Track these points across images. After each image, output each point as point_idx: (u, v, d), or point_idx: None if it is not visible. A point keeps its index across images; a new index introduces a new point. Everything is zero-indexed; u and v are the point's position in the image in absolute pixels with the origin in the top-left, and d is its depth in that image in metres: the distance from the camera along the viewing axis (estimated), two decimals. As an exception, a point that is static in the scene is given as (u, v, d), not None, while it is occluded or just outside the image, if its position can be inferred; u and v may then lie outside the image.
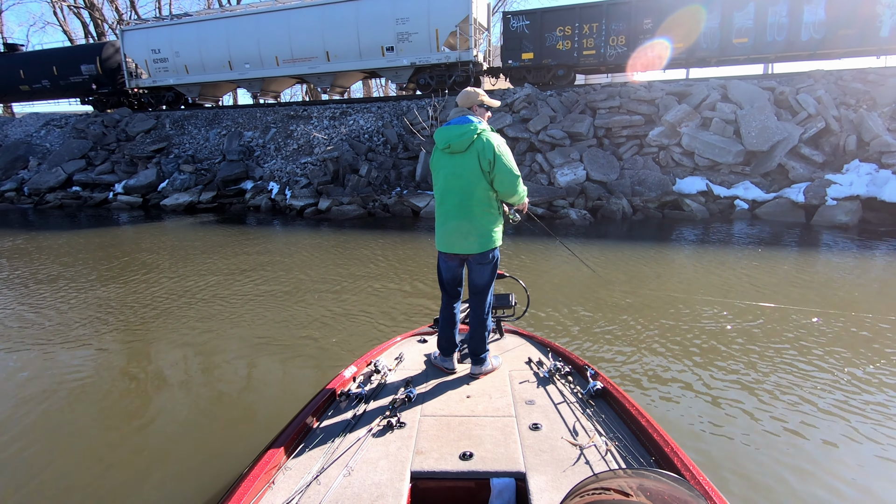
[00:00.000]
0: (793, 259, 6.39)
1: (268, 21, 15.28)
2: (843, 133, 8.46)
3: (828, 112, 8.64)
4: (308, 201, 10.85)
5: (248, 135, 13.83)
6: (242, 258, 7.30)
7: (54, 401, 3.24)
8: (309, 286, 5.82)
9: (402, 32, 13.77)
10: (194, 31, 16.05)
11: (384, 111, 12.70)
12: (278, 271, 6.51)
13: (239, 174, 12.78)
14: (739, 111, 9.01)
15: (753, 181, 8.70)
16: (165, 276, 6.33)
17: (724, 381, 3.24)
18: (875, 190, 7.96)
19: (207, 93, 17.45)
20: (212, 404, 3.19)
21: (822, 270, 5.92)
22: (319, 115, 13.44)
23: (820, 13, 11.19)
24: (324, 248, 7.92)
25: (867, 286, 5.31)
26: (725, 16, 11.46)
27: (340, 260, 7.02)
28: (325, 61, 15.01)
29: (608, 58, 12.76)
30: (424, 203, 9.96)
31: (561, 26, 13.02)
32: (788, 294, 4.96)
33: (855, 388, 3.14)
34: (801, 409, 2.92)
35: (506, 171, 2.26)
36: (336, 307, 5.06)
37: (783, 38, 11.46)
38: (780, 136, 8.68)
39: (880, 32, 11.12)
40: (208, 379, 3.57)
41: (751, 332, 4.11)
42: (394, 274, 6.15)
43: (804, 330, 4.10)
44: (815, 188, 8.17)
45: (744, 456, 2.49)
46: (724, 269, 5.92)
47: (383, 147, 11.59)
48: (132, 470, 2.52)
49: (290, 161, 12.36)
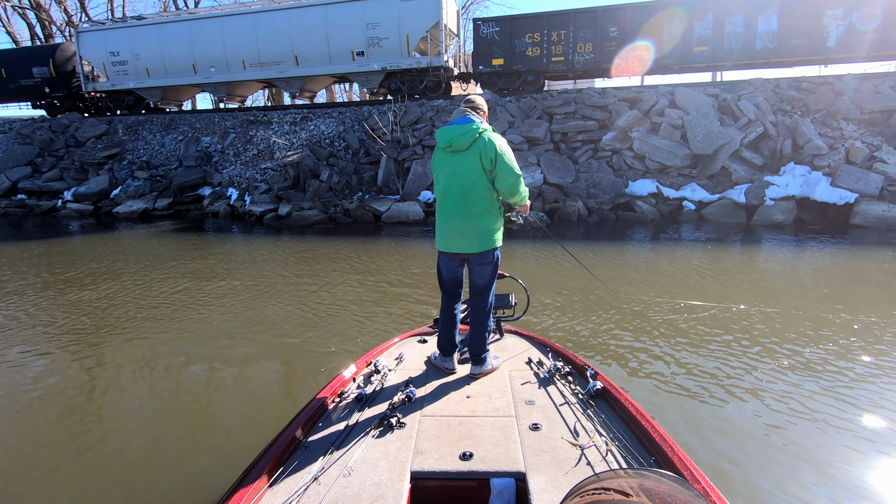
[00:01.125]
0: (733, 257, 6.98)
1: (234, 24, 15.64)
2: (779, 137, 9.24)
3: (766, 118, 9.42)
4: (268, 207, 10.97)
5: (205, 140, 13.85)
6: (199, 264, 7.53)
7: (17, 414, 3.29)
8: (270, 291, 6.00)
9: (373, 37, 14.30)
10: (156, 34, 16.26)
11: (346, 116, 13.00)
12: (239, 278, 6.68)
13: (196, 180, 12.79)
14: (686, 117, 9.70)
15: (700, 183, 9.36)
16: (120, 285, 6.40)
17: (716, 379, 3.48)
18: (808, 190, 8.72)
19: (170, 97, 17.59)
20: (203, 408, 3.34)
21: (755, 266, 6.49)
22: (280, 121, 13.63)
23: (773, 24, 12.23)
24: (285, 254, 8.19)
25: (794, 281, 5.87)
26: (687, 25, 12.32)
27: (303, 265, 7.39)
28: (293, 65, 15.41)
29: (576, 64, 13.62)
30: (385, 207, 10.25)
31: (530, 33, 13.80)
32: (745, 292, 5.44)
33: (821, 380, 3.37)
34: (793, 405, 3.11)
35: (507, 171, 2.32)
36: (301, 310, 5.32)
37: (740, 47, 12.46)
38: (723, 140, 9.38)
39: (827, 43, 12.20)
40: (177, 386, 3.72)
41: (736, 330, 4.36)
42: (360, 277, 6.40)
43: (765, 326, 4.53)
44: (755, 189, 8.87)
45: (743, 455, 2.60)
46: (676, 266, 6.42)
47: (345, 152, 11.85)
48: (132, 470, 2.64)
49: (249, 167, 12.46)
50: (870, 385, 3.28)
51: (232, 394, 3.54)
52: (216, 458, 2.72)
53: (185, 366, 3.94)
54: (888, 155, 8.63)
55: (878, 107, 9.43)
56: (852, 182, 8.54)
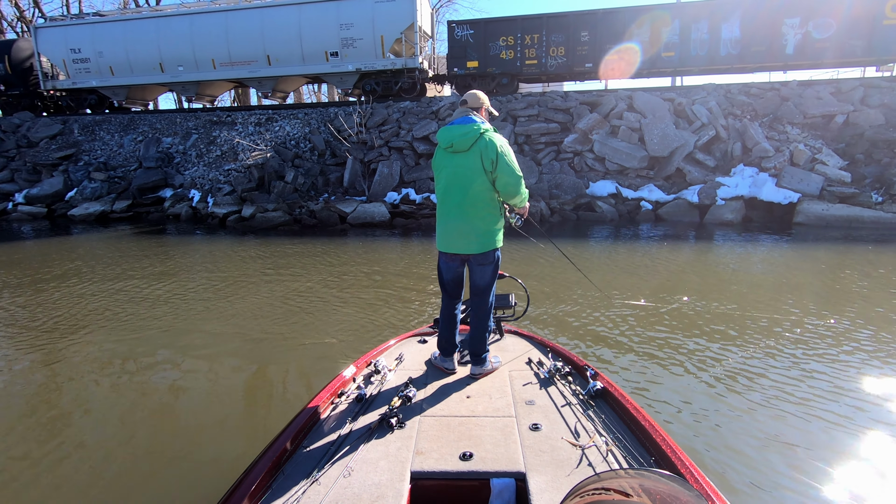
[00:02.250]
0: (688, 254, 7.54)
1: (203, 22, 16.03)
2: (730, 140, 9.99)
3: (718, 121, 10.17)
4: (231, 209, 11.21)
5: (167, 141, 13.98)
6: (163, 266, 7.93)
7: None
8: (237, 292, 6.35)
9: (347, 38, 14.85)
10: (120, 31, 16.59)
11: (311, 117, 13.35)
12: (201, 279, 7.02)
13: (157, 182, 12.93)
14: (643, 120, 10.37)
15: (657, 184, 10.01)
16: (76, 289, 6.56)
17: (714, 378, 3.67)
18: (756, 190, 9.45)
19: (136, 96, 17.91)
20: (202, 410, 3.42)
21: (709, 263, 7.06)
22: (244, 121, 13.88)
23: (735, 31, 13.22)
24: (250, 255, 8.55)
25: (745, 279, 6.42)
26: (654, 31, 13.23)
27: (267, 267, 7.69)
28: (266, 65, 15.86)
29: (549, 68, 14.47)
30: (351, 209, 10.62)
31: (504, 36, 14.62)
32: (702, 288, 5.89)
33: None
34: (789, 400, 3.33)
35: (508, 172, 2.40)
36: (273, 308, 5.52)
37: (705, 53, 13.44)
38: (678, 142, 10.05)
39: (786, 50, 13.17)
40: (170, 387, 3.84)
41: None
42: (327, 278, 6.72)
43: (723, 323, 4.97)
44: (707, 190, 9.54)
45: (743, 455, 2.73)
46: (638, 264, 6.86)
47: (310, 153, 12.18)
48: (132, 471, 2.72)
49: (212, 168, 12.66)
50: (870, 385, 3.49)
51: (207, 395, 3.70)
52: (216, 458, 2.83)
53: (149, 369, 4.13)
54: (828, 157, 9.45)
55: (820, 112, 10.31)
56: (795, 183, 9.31)
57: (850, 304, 5.17)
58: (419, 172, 11.51)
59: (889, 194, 8.99)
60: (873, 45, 12.61)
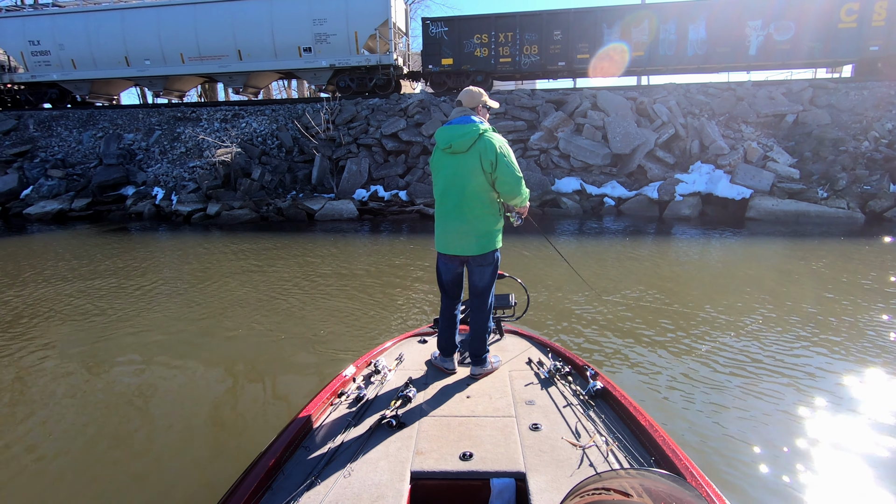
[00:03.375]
0: (650, 249, 8.18)
1: (170, 15, 16.34)
2: (688, 138, 10.73)
3: (677, 120, 10.91)
4: (196, 206, 11.49)
5: (128, 137, 14.15)
6: (122, 266, 8.14)
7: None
8: (207, 293, 6.61)
9: (320, 33, 15.31)
10: (82, 22, 16.70)
11: (279, 114, 13.71)
12: (167, 279, 7.27)
13: (118, 179, 13.10)
14: (607, 118, 11.04)
15: (619, 181, 10.67)
16: (29, 290, 6.75)
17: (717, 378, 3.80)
18: (712, 187, 10.20)
19: (100, 90, 18.11)
20: (201, 412, 3.53)
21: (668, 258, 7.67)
22: (210, 118, 14.16)
23: (702, 32, 14.12)
24: (217, 254, 9.04)
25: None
26: (625, 30, 13.95)
27: (234, 264, 8.24)
28: (237, 60, 16.21)
29: (523, 66, 15.20)
30: (319, 206, 11.01)
31: (478, 34, 15.38)
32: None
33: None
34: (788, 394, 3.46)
35: (508, 172, 2.46)
36: (247, 303, 5.90)
37: (673, 53, 14.33)
38: (639, 140, 10.73)
39: (749, 51, 14.08)
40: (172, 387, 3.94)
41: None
42: (299, 281, 7.03)
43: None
44: (666, 186, 10.23)
45: (743, 454, 2.82)
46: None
47: (278, 150, 12.53)
48: (131, 471, 2.82)
49: (176, 165, 12.89)
50: (870, 383, 3.64)
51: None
52: (215, 458, 2.94)
53: (115, 371, 4.21)
54: (778, 155, 10.26)
55: (772, 111, 11.17)
56: (748, 179, 10.08)
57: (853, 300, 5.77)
58: (388, 169, 11.96)
59: (833, 190, 9.83)
60: (830, 48, 13.64)
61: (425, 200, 11.15)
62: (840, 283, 6.01)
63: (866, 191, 9.73)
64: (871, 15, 13.44)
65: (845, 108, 11.25)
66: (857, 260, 7.12)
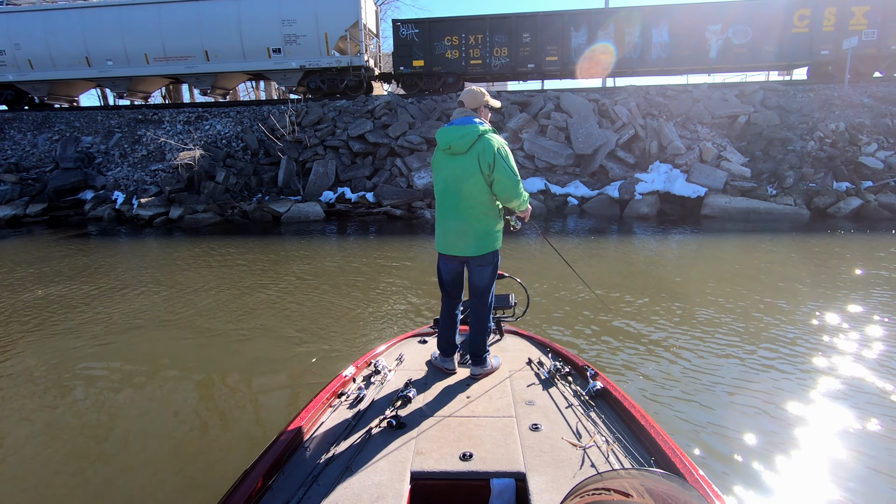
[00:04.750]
0: (614, 247, 8.73)
1: (133, 14, 16.44)
2: (648, 139, 11.47)
3: (637, 121, 11.65)
4: (158, 210, 11.72)
5: (86, 140, 14.23)
6: (81, 271, 8.29)
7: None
8: (173, 296, 6.78)
9: (290, 34, 15.65)
10: (39, 22, 16.69)
11: (244, 116, 14.00)
12: (126, 285, 7.35)
13: (76, 183, 13.19)
14: (570, 119, 11.71)
15: (582, 180, 11.33)
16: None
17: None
18: (669, 186, 10.93)
19: (59, 91, 18.08)
20: (204, 413, 3.60)
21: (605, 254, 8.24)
22: (172, 120, 14.36)
23: (665, 35, 14.99)
24: (180, 258, 9.34)
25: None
26: (592, 33, 14.72)
27: (197, 268, 8.47)
28: (204, 61, 16.40)
29: (493, 68, 15.80)
30: (285, 208, 11.32)
31: (448, 36, 16.06)
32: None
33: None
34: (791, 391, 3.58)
35: (505, 175, 2.52)
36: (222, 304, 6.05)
37: (638, 56, 15.16)
38: (601, 141, 11.43)
39: (710, 54, 14.94)
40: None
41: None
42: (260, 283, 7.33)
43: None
44: (627, 185, 10.92)
45: (743, 454, 2.88)
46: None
47: (243, 153, 12.84)
48: (132, 471, 2.90)
49: (137, 168, 13.06)
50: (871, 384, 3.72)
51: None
52: (216, 458, 3.00)
53: (89, 383, 4.35)
54: (731, 154, 11.09)
55: (726, 112, 12.03)
56: (703, 178, 10.86)
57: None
58: (355, 171, 12.40)
59: (782, 188, 10.68)
60: (784, 52, 14.70)
61: (392, 202, 11.61)
62: (811, 276, 6.70)
63: (811, 188, 10.60)
64: (821, 20, 14.57)
65: (793, 109, 12.20)
66: (814, 251, 7.89)
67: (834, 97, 12.49)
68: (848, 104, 12.45)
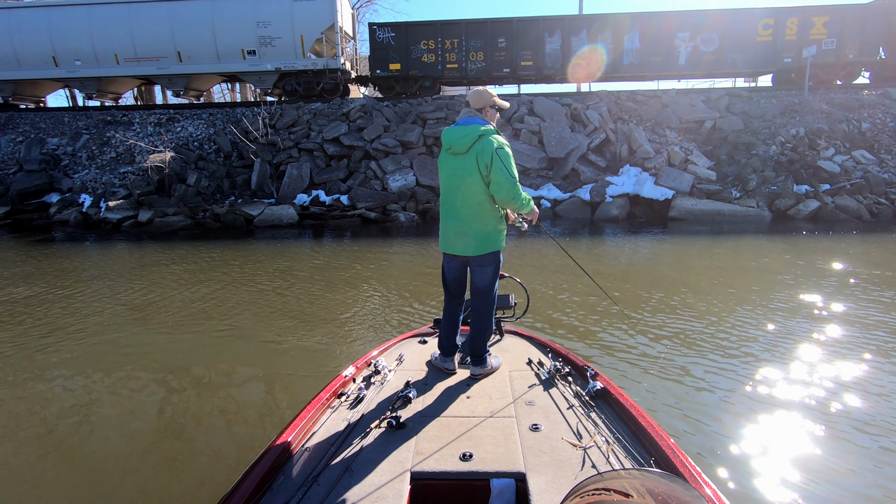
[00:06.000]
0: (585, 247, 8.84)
1: (102, 14, 16.18)
2: (618, 143, 11.79)
3: (608, 125, 11.97)
4: (127, 213, 11.57)
5: (52, 142, 13.95)
6: (49, 278, 8.10)
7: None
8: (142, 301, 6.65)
9: (265, 36, 15.65)
10: (3, 20, 16.47)
11: (216, 118, 13.92)
12: (92, 290, 7.23)
13: (41, 186, 12.94)
14: (542, 123, 11.95)
15: (555, 183, 11.56)
16: None
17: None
18: (639, 188, 11.24)
19: (24, 92, 17.71)
20: (202, 416, 3.61)
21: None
22: (143, 121, 14.18)
23: (636, 42, 15.42)
24: (149, 262, 9.19)
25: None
26: (565, 39, 14.95)
27: (164, 272, 8.28)
28: (176, 62, 16.26)
29: (469, 72, 16.03)
30: (258, 211, 11.28)
31: (425, 40, 16.23)
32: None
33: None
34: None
35: (502, 176, 2.52)
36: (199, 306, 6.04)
37: (610, 62, 15.32)
38: (573, 144, 11.69)
39: (679, 61, 15.35)
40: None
41: None
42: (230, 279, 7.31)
43: None
44: (598, 188, 11.19)
45: (743, 454, 2.90)
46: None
47: (216, 155, 12.75)
48: (131, 471, 2.93)
49: (106, 171, 12.87)
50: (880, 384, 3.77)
51: None
52: (216, 458, 3.04)
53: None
54: (698, 158, 11.47)
55: (693, 117, 12.44)
56: (671, 181, 11.20)
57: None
58: (330, 174, 12.42)
59: (745, 190, 11.10)
60: (749, 59, 15.25)
61: (367, 205, 11.67)
62: (792, 274, 7.01)
63: (773, 191, 11.05)
64: (784, 30, 15.19)
65: (757, 114, 12.70)
66: (774, 252, 8.25)
67: (795, 103, 13.03)
68: (808, 110, 13.00)
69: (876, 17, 14.93)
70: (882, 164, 11.89)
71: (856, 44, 15.09)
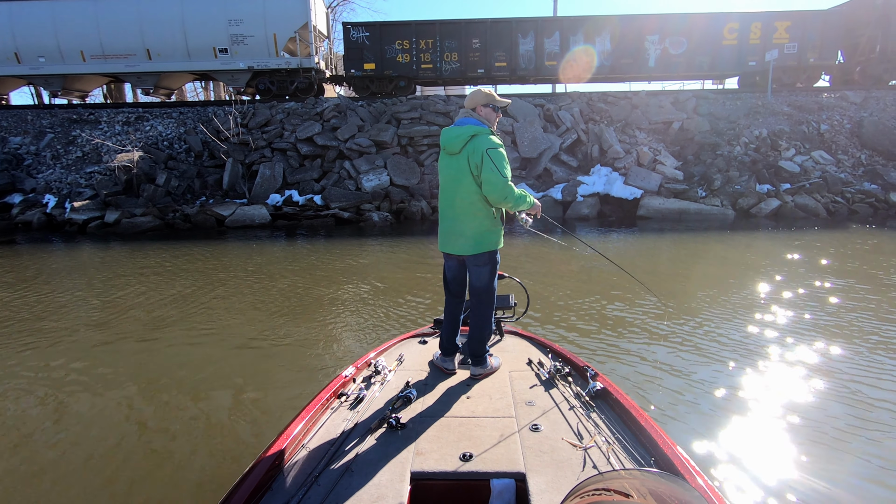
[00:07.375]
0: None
1: (67, 9, 15.75)
2: (590, 143, 12.00)
3: (579, 126, 12.17)
4: (93, 214, 11.32)
5: (14, 140, 13.53)
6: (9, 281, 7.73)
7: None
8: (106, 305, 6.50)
9: (237, 34, 15.48)
10: None
11: (187, 117, 13.71)
12: (57, 294, 7.03)
13: (2, 186, 12.67)
14: (516, 124, 12.08)
15: (529, 183, 11.70)
16: None
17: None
18: (609, 188, 11.46)
19: None
20: (205, 412, 3.64)
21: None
22: (110, 120, 13.89)
23: (607, 44, 15.75)
24: (115, 264, 8.94)
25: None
26: (538, 41, 15.19)
27: (131, 274, 8.04)
28: (145, 59, 15.96)
29: (444, 72, 16.15)
30: (230, 212, 11.15)
31: (399, 40, 16.25)
32: None
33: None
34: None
35: (492, 176, 2.51)
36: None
37: (583, 63, 15.29)
38: (545, 145, 11.85)
39: (648, 63, 15.64)
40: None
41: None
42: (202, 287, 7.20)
43: None
44: (569, 188, 11.37)
45: (742, 455, 2.92)
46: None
47: (186, 155, 12.55)
48: (132, 471, 2.93)
49: (71, 171, 12.55)
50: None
51: None
52: (216, 458, 3.05)
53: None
54: (665, 158, 11.76)
55: (661, 119, 12.75)
56: (639, 181, 11.46)
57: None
58: (303, 174, 12.34)
59: (710, 189, 11.43)
60: (716, 62, 15.69)
61: (341, 205, 11.63)
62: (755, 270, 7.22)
63: (737, 190, 11.41)
64: (748, 34, 15.68)
65: (722, 116, 13.09)
66: (737, 249, 8.55)
67: (759, 105, 13.48)
68: (770, 112, 13.46)
69: (835, 22, 15.56)
70: (839, 165, 12.39)
71: (816, 48, 15.69)
